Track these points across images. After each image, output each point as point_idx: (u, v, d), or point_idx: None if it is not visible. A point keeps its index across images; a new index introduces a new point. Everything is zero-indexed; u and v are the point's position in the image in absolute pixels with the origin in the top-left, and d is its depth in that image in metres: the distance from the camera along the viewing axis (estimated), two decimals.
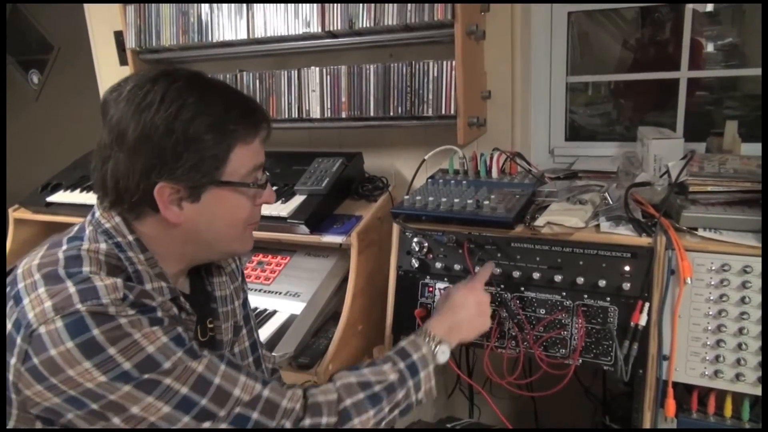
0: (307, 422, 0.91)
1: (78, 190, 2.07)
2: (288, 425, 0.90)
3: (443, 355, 1.12)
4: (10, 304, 0.83)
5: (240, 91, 0.98)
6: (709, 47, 1.92)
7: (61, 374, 0.77)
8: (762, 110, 1.74)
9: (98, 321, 0.78)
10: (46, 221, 2.11)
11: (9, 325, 0.81)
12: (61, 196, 2.07)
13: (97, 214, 0.93)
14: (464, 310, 1.19)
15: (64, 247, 0.89)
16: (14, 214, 2.14)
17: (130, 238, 0.91)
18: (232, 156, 0.91)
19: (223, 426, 0.84)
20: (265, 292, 1.76)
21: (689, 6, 1.79)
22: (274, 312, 1.69)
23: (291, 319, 1.64)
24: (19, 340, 0.78)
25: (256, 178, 0.97)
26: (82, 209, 1.97)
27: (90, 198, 2.01)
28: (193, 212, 0.92)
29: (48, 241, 0.93)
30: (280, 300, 1.72)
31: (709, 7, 1.86)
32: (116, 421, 0.80)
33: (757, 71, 1.74)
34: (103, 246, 0.89)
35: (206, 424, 0.83)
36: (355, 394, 0.97)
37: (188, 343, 0.86)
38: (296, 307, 1.68)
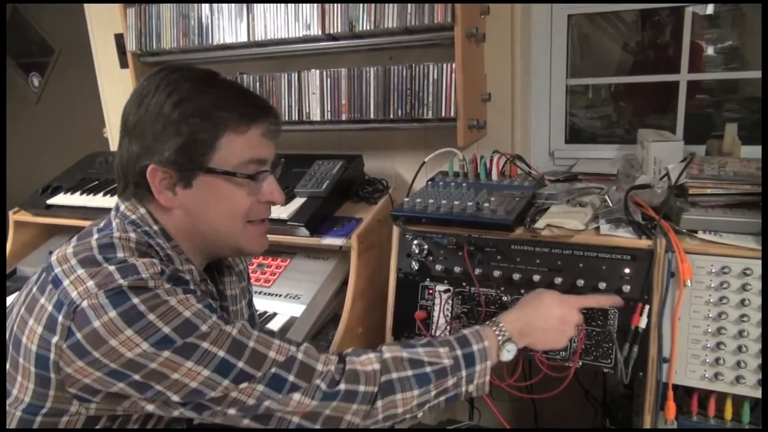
0: (342, 386, 0.90)
1: (78, 193, 2.07)
2: (323, 386, 0.89)
3: (509, 353, 1.05)
4: (49, 287, 0.85)
5: (245, 88, 1.00)
6: (709, 50, 1.92)
7: (104, 346, 0.79)
8: (762, 113, 1.74)
9: (138, 293, 0.82)
10: (46, 224, 2.11)
11: (50, 307, 0.83)
12: (61, 199, 2.07)
13: (122, 207, 0.97)
14: (546, 318, 1.09)
15: (96, 236, 0.92)
16: (14, 216, 2.14)
17: (155, 227, 0.95)
18: (222, 143, 0.92)
19: (260, 387, 0.86)
20: (265, 294, 1.76)
21: (689, 9, 1.79)
22: (275, 314, 1.69)
23: (291, 322, 1.64)
24: (61, 318, 0.81)
25: (254, 171, 0.96)
26: (83, 212, 1.97)
27: (90, 200, 2.01)
28: (186, 198, 0.94)
29: (76, 235, 0.96)
30: (280, 302, 1.72)
31: (709, 9, 1.86)
32: (159, 388, 0.81)
33: (757, 74, 1.74)
34: (132, 235, 0.92)
35: (243, 385, 0.85)
36: (403, 369, 0.94)
37: (220, 312, 0.89)
38: (296, 309, 1.68)
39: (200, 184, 0.93)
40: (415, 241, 1.46)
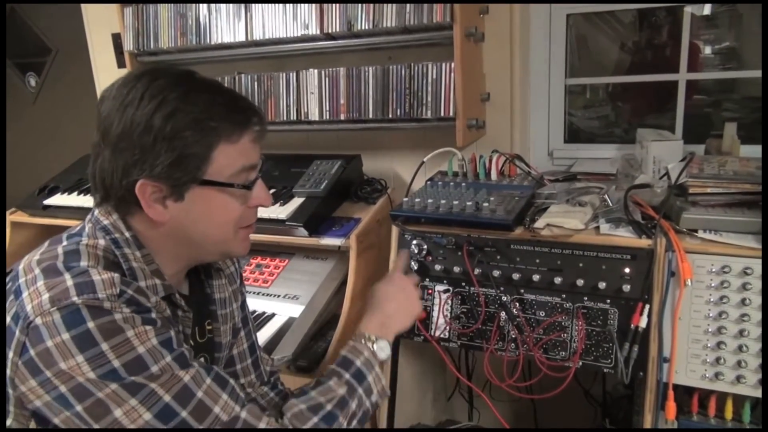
0: None
1: (75, 193, 2.06)
2: None
3: (383, 351, 1.10)
4: (10, 298, 0.84)
5: (231, 90, 0.96)
6: (707, 50, 1.93)
7: (54, 367, 0.78)
8: (762, 112, 1.74)
9: (93, 314, 0.79)
10: (43, 224, 2.10)
11: (8, 319, 0.82)
12: (58, 199, 2.06)
13: (96, 212, 0.94)
14: (391, 302, 1.19)
15: (64, 243, 0.90)
16: (11, 217, 2.13)
17: (127, 234, 0.92)
18: (216, 154, 0.89)
19: None
20: (263, 294, 1.76)
21: (687, 9, 1.79)
22: (273, 315, 1.69)
23: (289, 322, 1.63)
24: (17, 333, 0.80)
25: (246, 179, 0.94)
26: (80, 212, 1.96)
27: (87, 201, 2.00)
28: (178, 211, 0.91)
29: (49, 240, 0.94)
30: (279, 303, 1.72)
31: (706, 10, 1.86)
32: (98, 427, 0.79)
33: (756, 73, 1.75)
34: (101, 242, 0.90)
35: None
36: (308, 419, 0.94)
37: (178, 349, 0.86)
38: (295, 309, 1.67)
39: (192, 196, 0.90)
40: (415, 241, 1.46)
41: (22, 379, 0.80)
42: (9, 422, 0.84)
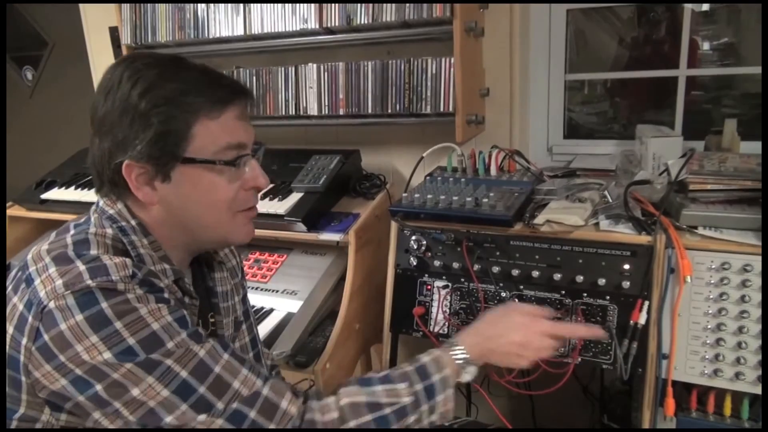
0: None
1: (72, 187, 2.06)
2: None
3: (468, 375, 1.00)
4: (22, 286, 0.83)
5: (213, 69, 0.94)
6: (705, 46, 1.92)
7: (69, 350, 0.77)
8: (762, 109, 1.73)
9: (107, 295, 0.79)
10: (40, 218, 2.09)
11: (21, 307, 0.81)
12: (55, 193, 2.05)
13: (101, 202, 0.94)
14: (506, 344, 1.02)
15: (72, 232, 0.89)
16: (9, 211, 2.12)
17: (133, 222, 0.92)
18: (196, 131, 0.88)
19: (219, 422, 0.82)
20: (261, 290, 1.75)
21: (688, 5, 1.78)
22: (271, 310, 1.68)
23: (288, 318, 1.63)
24: (30, 319, 0.79)
25: (233, 157, 0.92)
26: (77, 206, 1.96)
27: (84, 195, 2.00)
28: (167, 193, 0.90)
29: (55, 231, 0.93)
30: (277, 298, 1.71)
31: (705, 6, 1.86)
32: (118, 406, 0.79)
33: (755, 69, 1.74)
34: (109, 231, 0.90)
35: (202, 417, 0.81)
36: (362, 415, 0.89)
37: (192, 327, 0.85)
38: (293, 305, 1.67)
39: (179, 177, 0.89)
40: (414, 237, 1.46)
41: (36, 365, 0.79)
42: (21, 411, 0.82)
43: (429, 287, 1.46)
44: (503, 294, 1.36)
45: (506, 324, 1.03)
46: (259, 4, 1.83)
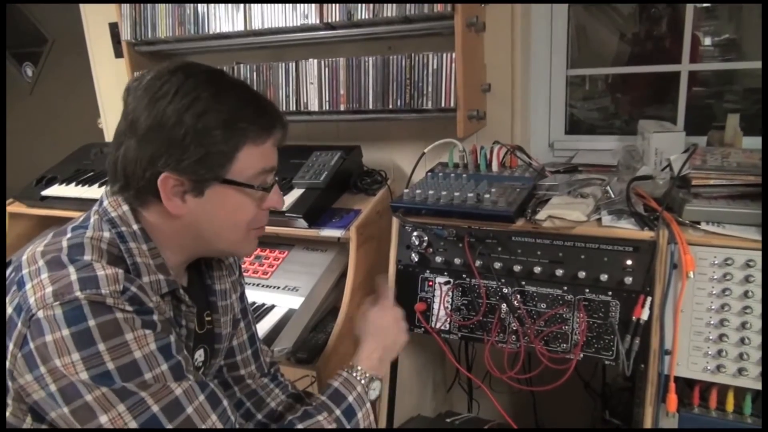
0: None
1: (73, 184, 2.05)
2: None
3: (374, 392, 1.10)
4: (13, 288, 0.83)
5: (258, 92, 0.96)
6: (706, 41, 1.91)
7: (50, 363, 0.77)
8: (762, 104, 1.73)
9: (95, 311, 0.79)
10: (41, 215, 2.09)
11: (10, 309, 0.81)
12: (56, 190, 2.05)
13: (105, 202, 0.94)
14: (387, 334, 1.18)
15: (68, 235, 0.89)
16: (9, 208, 2.12)
17: (135, 227, 0.91)
18: (240, 155, 0.90)
19: None
20: (263, 286, 1.75)
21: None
22: (273, 306, 1.68)
23: (289, 314, 1.63)
24: (19, 325, 0.79)
25: (264, 181, 0.95)
26: (78, 203, 1.95)
27: (85, 192, 1.99)
28: (195, 206, 0.91)
29: (53, 231, 0.93)
30: (279, 294, 1.71)
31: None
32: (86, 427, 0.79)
33: (758, 64, 1.73)
34: (106, 235, 0.90)
35: None
36: None
37: (175, 357, 0.85)
38: (294, 301, 1.66)
39: (212, 194, 0.91)
40: (415, 233, 1.45)
41: (21, 372, 0.79)
42: (7, 415, 0.83)
43: (430, 283, 1.45)
44: (505, 290, 1.36)
45: (373, 323, 1.18)
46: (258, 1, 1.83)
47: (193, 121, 0.86)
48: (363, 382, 1.08)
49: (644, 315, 1.23)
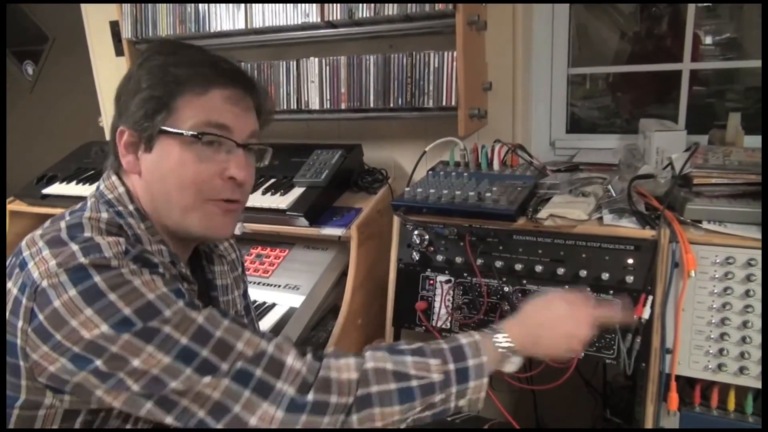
0: (310, 397, 0.82)
1: (74, 182, 2.05)
2: (291, 392, 0.82)
3: (512, 365, 0.97)
4: (16, 271, 0.83)
5: (223, 56, 0.96)
6: (707, 40, 1.91)
7: (65, 327, 0.76)
8: (762, 103, 1.73)
9: (100, 271, 0.79)
10: (41, 213, 2.09)
11: (15, 291, 0.81)
12: (57, 188, 2.05)
13: (102, 186, 0.95)
14: (555, 336, 0.98)
15: (67, 218, 0.90)
16: (10, 206, 2.12)
17: (131, 207, 0.93)
18: (179, 104, 0.89)
19: (225, 381, 0.80)
20: (264, 285, 1.75)
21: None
22: (273, 305, 1.68)
23: (290, 312, 1.63)
24: (24, 300, 0.79)
25: (209, 134, 0.90)
26: (78, 201, 1.92)
27: (86, 190, 1.99)
28: (147, 164, 0.92)
29: (50, 219, 0.94)
30: (279, 293, 1.71)
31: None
32: (120, 376, 0.78)
33: (759, 63, 1.73)
34: (104, 215, 0.90)
35: (207, 379, 0.79)
36: (386, 382, 0.86)
37: (188, 299, 0.84)
38: (295, 300, 1.66)
39: (158, 148, 0.90)
40: (416, 232, 1.45)
41: (34, 347, 0.78)
42: (23, 397, 0.81)
43: (431, 282, 1.45)
44: (506, 288, 1.36)
45: (553, 314, 1.00)
46: None
47: (136, 69, 0.91)
48: (498, 351, 0.94)
49: (645, 314, 1.23)
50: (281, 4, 1.80)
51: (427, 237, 1.44)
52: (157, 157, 0.91)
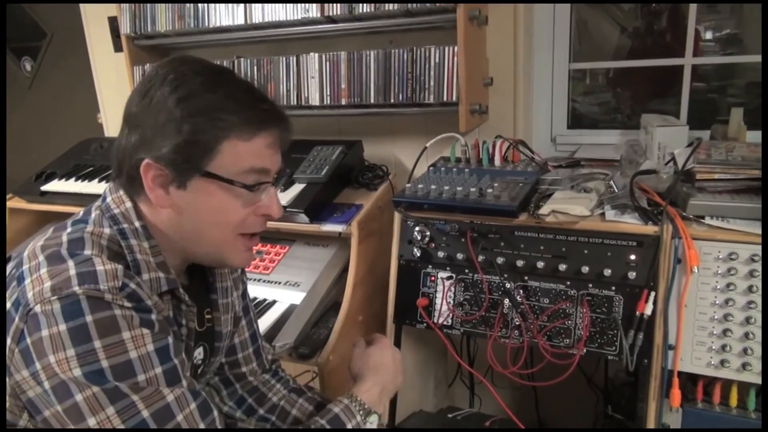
0: None
1: (73, 179, 2.04)
2: None
3: (371, 425, 1.08)
4: (13, 284, 0.82)
5: (261, 90, 0.93)
6: (707, 36, 1.90)
7: (44, 359, 0.76)
8: (762, 98, 1.72)
9: (93, 306, 0.77)
10: (40, 210, 2.08)
11: (8, 305, 0.80)
12: (55, 185, 2.04)
13: (108, 199, 0.92)
14: (386, 371, 1.17)
15: (69, 230, 0.88)
16: (9, 203, 2.11)
17: (137, 224, 0.90)
18: (223, 148, 0.86)
19: None
20: (264, 281, 1.74)
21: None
22: (274, 302, 1.67)
23: (291, 309, 1.62)
24: (16, 320, 0.78)
25: (254, 181, 0.91)
26: (77, 198, 1.94)
27: (85, 187, 1.98)
28: (179, 200, 0.89)
29: (53, 225, 0.92)
30: (280, 290, 1.70)
31: None
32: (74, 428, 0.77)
33: (759, 58, 1.72)
34: (107, 231, 0.88)
35: None
36: None
37: (171, 360, 0.83)
38: (296, 297, 1.66)
39: (195, 187, 0.88)
40: (417, 228, 1.44)
41: (17, 368, 0.78)
42: (6, 410, 0.82)
43: (433, 278, 1.45)
44: (508, 285, 1.35)
45: (384, 360, 1.18)
46: None
47: (174, 105, 0.84)
48: (362, 413, 1.06)
49: (648, 310, 1.22)
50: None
51: (428, 233, 1.44)
52: (193, 197, 0.89)
